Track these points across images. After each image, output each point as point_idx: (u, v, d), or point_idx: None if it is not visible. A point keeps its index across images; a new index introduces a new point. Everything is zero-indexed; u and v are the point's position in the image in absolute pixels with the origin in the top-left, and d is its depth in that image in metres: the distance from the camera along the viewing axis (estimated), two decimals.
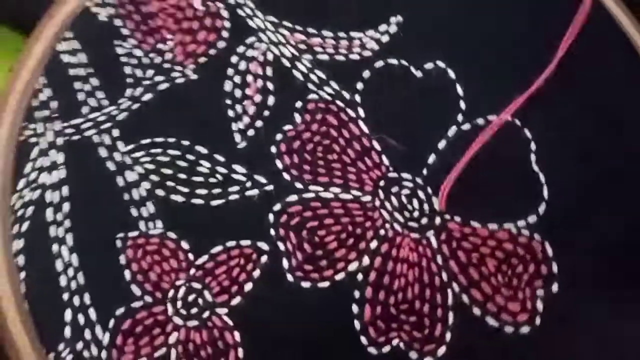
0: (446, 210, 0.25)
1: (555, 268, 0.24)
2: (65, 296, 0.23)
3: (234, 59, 0.26)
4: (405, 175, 0.25)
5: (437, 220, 0.25)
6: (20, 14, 0.31)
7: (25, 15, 0.29)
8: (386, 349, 0.23)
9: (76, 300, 0.23)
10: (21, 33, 0.33)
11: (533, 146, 0.26)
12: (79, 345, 0.23)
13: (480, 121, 0.26)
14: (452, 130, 0.26)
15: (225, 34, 0.26)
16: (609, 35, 0.28)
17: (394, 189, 0.25)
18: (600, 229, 0.25)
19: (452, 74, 0.26)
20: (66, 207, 0.24)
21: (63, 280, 0.23)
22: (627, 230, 0.25)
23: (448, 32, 0.27)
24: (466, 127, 0.26)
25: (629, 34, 0.28)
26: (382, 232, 0.24)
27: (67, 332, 0.23)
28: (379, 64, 0.26)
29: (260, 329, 0.23)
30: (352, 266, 0.24)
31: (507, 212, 0.25)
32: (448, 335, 0.23)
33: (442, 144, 0.25)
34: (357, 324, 0.23)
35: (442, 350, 0.23)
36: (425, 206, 0.25)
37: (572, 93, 0.26)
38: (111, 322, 0.23)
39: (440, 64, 0.26)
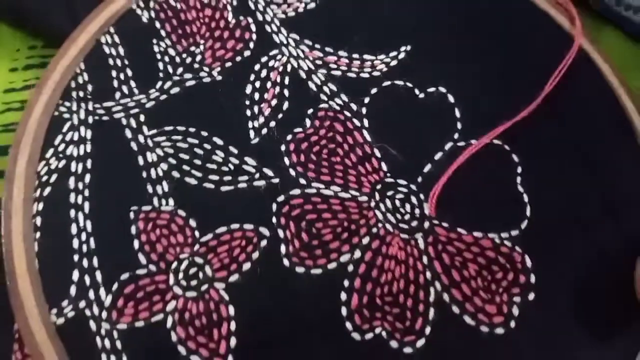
0: (436, 216, 0.25)
1: (532, 279, 0.25)
2: (75, 258, 0.23)
3: (256, 66, 0.27)
4: (400, 181, 0.26)
5: (426, 224, 0.25)
6: (20, 12, 0.31)
7: (26, 13, 0.31)
8: (369, 335, 0.23)
9: (85, 263, 0.23)
10: (21, 32, 0.33)
11: (519, 169, 0.26)
12: (82, 304, 0.23)
13: (473, 141, 0.27)
14: (448, 145, 0.26)
15: (251, 44, 0.28)
16: (590, 80, 0.29)
17: (389, 193, 0.25)
18: (576, 249, 0.25)
19: (451, 98, 0.27)
20: (88, 178, 0.25)
21: (75, 243, 0.24)
22: (599, 251, 0.25)
23: (452, 63, 0.28)
24: (461, 144, 0.27)
25: (610, 81, 0.29)
26: (374, 230, 0.25)
27: (73, 290, 0.23)
28: (386, 83, 0.27)
29: (253, 306, 0.23)
30: (344, 257, 0.24)
31: (493, 224, 0.25)
32: (427, 329, 0.23)
33: (438, 156, 0.26)
34: (344, 310, 0.23)
35: (420, 342, 0.23)
36: (417, 210, 0.25)
37: (556, 127, 0.27)
38: (115, 286, 0.23)
39: (442, 89, 0.27)
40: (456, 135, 0.27)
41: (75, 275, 0.23)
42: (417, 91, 0.27)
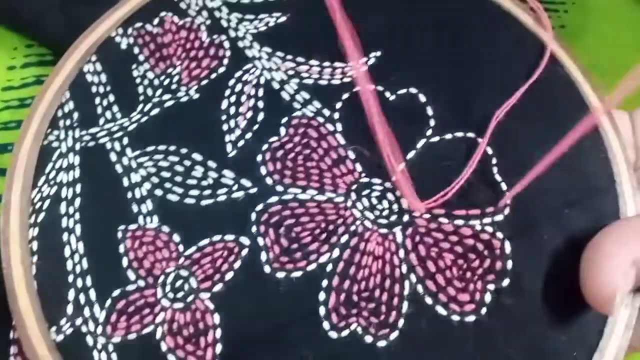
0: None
1: (509, 265, 0.24)
2: (70, 278, 0.24)
3: (231, 81, 0.28)
4: (375, 180, 0.26)
5: (406, 217, 0.25)
6: (15, 19, 0.32)
7: (20, 20, 0.31)
8: (345, 332, 0.23)
9: (79, 282, 0.24)
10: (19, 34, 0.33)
11: (494, 160, 0.26)
12: (79, 321, 0.24)
13: (448, 136, 0.27)
14: (420, 143, 0.27)
15: (225, 61, 0.28)
16: (556, 78, 0.29)
17: (365, 192, 0.26)
18: (552, 237, 0.25)
19: (422, 98, 0.27)
20: (78, 202, 0.26)
21: (69, 265, 0.25)
22: (573, 239, 0.25)
23: (422, 66, 0.28)
24: (435, 139, 0.27)
25: (580, 85, 0.29)
26: (352, 228, 0.25)
27: (69, 309, 0.24)
28: (357, 88, 0.28)
29: (237, 313, 0.24)
30: (324, 258, 0.24)
31: (477, 210, 0.25)
32: (401, 322, 0.24)
33: (411, 154, 0.26)
34: (322, 310, 0.24)
35: (394, 335, 0.23)
36: (395, 206, 0.25)
37: (524, 123, 0.27)
38: (108, 302, 0.24)
39: (413, 90, 0.27)
40: (429, 132, 0.27)
41: (71, 294, 0.24)
42: (387, 94, 0.27)
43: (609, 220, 0.25)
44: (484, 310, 0.24)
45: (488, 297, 0.24)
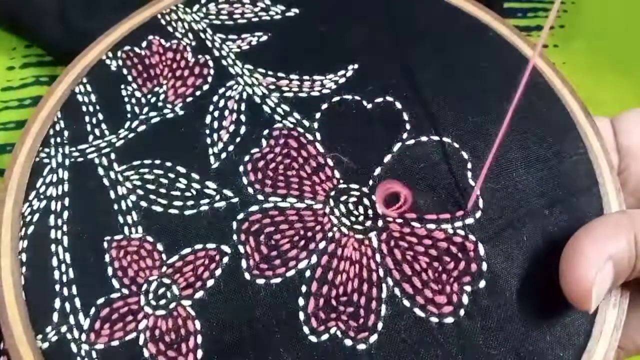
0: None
1: (484, 267, 0.25)
2: (57, 287, 0.25)
3: (215, 98, 0.29)
4: (353, 185, 0.26)
5: (380, 222, 0.26)
6: (15, 24, 0.32)
7: (20, 26, 0.31)
8: (324, 336, 0.24)
9: (65, 291, 0.25)
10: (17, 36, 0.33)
11: (469, 165, 0.27)
12: (64, 329, 0.24)
13: (423, 138, 0.27)
14: (397, 146, 0.27)
15: (209, 79, 0.29)
16: (538, 91, 0.29)
17: (343, 198, 0.26)
18: (526, 237, 0.25)
19: (398, 105, 0.28)
20: (66, 214, 0.26)
21: (56, 275, 0.25)
22: (549, 239, 0.25)
23: (397, 76, 0.29)
24: (410, 142, 0.27)
25: (553, 83, 0.29)
26: (330, 234, 0.25)
27: (55, 317, 0.25)
28: (335, 98, 0.28)
29: (217, 320, 0.24)
30: (302, 264, 0.25)
31: (448, 214, 0.26)
32: (380, 325, 0.24)
33: (387, 158, 0.27)
34: (301, 315, 0.24)
35: (373, 338, 0.24)
36: (370, 211, 0.26)
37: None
38: (92, 310, 0.25)
39: (389, 98, 0.28)
40: (405, 135, 0.27)
41: (57, 303, 0.25)
42: (365, 102, 0.28)
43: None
44: (462, 312, 0.24)
45: (465, 299, 0.24)
